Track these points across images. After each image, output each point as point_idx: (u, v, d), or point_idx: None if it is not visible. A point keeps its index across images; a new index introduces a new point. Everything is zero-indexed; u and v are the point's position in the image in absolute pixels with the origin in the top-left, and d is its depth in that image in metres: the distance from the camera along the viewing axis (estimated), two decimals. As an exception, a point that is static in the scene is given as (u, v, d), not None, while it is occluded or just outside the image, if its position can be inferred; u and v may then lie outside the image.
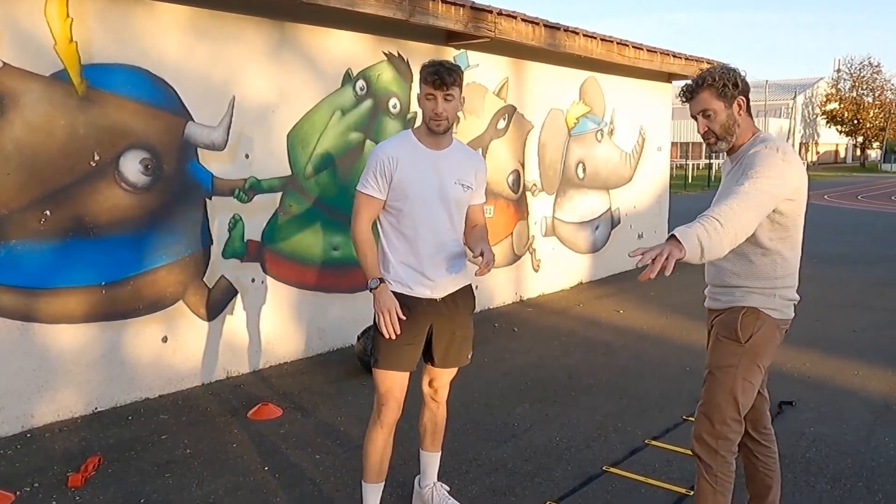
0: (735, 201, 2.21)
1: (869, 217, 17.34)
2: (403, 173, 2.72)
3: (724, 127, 2.46)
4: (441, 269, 2.81)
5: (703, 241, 2.14)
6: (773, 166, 2.29)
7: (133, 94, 4.30)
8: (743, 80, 2.46)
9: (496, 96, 6.97)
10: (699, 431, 2.54)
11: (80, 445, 3.81)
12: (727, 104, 2.44)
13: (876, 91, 55.38)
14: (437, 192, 2.76)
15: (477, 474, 3.51)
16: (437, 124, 2.70)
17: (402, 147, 2.77)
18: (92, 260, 4.18)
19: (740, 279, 2.50)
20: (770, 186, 2.26)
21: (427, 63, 2.71)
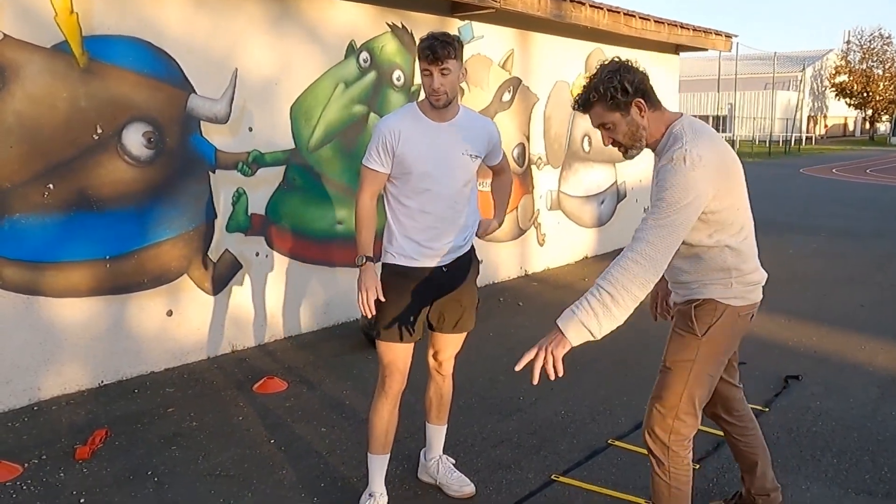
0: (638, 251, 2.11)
1: (877, 191, 17.21)
2: (406, 147, 2.70)
3: (627, 136, 2.29)
4: (445, 239, 2.80)
5: (591, 325, 2.09)
6: (680, 186, 2.11)
7: (135, 66, 4.25)
8: (634, 81, 2.22)
9: (501, 68, 6.89)
10: (651, 426, 2.41)
11: (86, 418, 3.83)
12: (623, 113, 2.25)
13: (886, 63, 54.72)
14: (442, 165, 2.74)
15: (482, 448, 3.52)
16: (436, 99, 2.66)
17: (406, 120, 2.74)
18: (95, 234, 4.17)
19: (694, 274, 2.38)
20: (679, 216, 2.12)
21: (423, 37, 2.66)
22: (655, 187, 2.23)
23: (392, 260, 2.81)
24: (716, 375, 2.43)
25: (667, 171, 2.16)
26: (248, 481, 3.18)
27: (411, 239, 2.77)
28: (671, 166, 2.15)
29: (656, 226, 2.13)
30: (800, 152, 37.97)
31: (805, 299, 6.46)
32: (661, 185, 2.16)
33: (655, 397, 2.42)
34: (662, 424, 2.38)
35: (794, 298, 6.47)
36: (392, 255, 2.80)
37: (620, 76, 2.20)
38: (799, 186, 18.34)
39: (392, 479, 3.07)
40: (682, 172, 2.12)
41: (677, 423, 2.38)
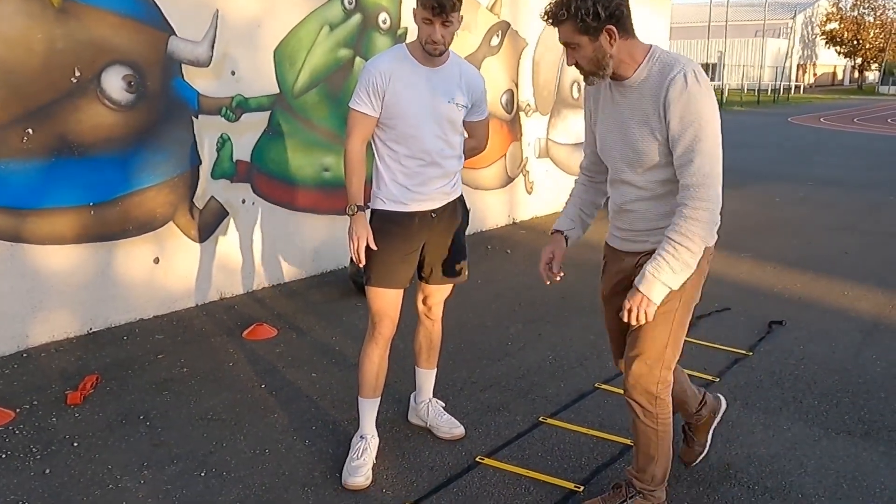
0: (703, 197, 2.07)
1: (864, 140, 17.24)
2: (396, 90, 2.64)
3: (591, 61, 2.14)
4: (434, 184, 2.78)
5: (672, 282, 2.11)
6: (708, 109, 2.07)
7: (112, 7, 4.12)
8: (609, 6, 2.05)
9: (489, 12, 6.75)
10: (638, 379, 2.35)
11: (76, 365, 3.83)
12: (591, 38, 2.09)
13: (877, 10, 54.27)
14: (430, 110, 2.70)
15: (471, 391, 3.57)
16: (433, 48, 2.61)
17: (395, 63, 2.67)
18: (78, 180, 4.10)
19: (669, 218, 2.21)
20: (718, 139, 2.10)
21: None
22: (673, 119, 2.09)
23: (381, 206, 2.78)
24: (690, 318, 2.39)
25: (684, 97, 2.05)
26: (240, 425, 3.21)
27: (400, 184, 2.75)
28: (688, 92, 2.05)
29: (707, 162, 2.07)
30: (788, 101, 37.84)
31: (791, 246, 6.51)
32: (686, 116, 2.06)
33: (638, 352, 2.34)
34: (650, 377, 2.33)
35: (781, 245, 6.53)
36: (381, 201, 2.77)
37: (592, 2, 2.04)
38: (787, 135, 18.33)
39: (383, 422, 3.11)
40: (702, 94, 2.06)
41: (664, 373, 2.35)
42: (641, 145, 2.19)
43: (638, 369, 2.34)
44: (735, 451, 3.01)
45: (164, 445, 3.04)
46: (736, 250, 6.22)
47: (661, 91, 2.09)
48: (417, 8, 2.59)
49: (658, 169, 2.21)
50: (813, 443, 3.08)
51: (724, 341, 4.18)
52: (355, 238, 2.68)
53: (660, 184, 2.23)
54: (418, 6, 2.58)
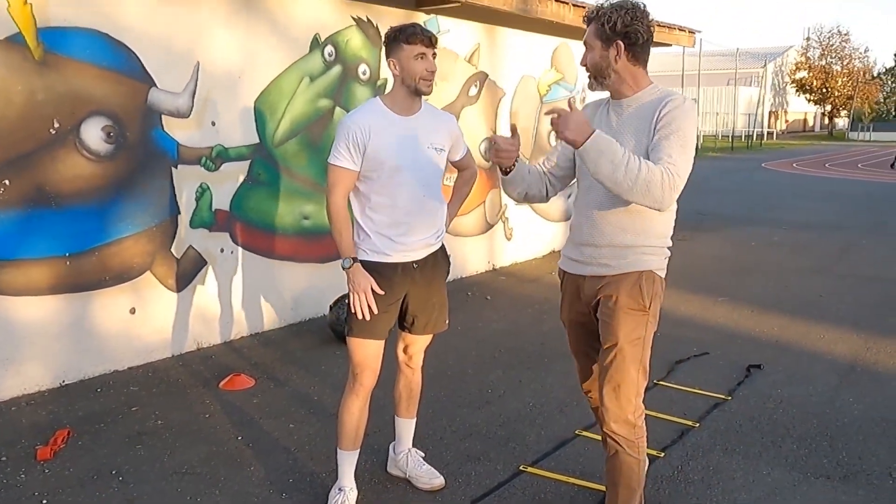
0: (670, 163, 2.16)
1: (836, 185, 17.61)
2: (377, 142, 2.68)
3: (594, 66, 2.35)
4: (417, 234, 2.80)
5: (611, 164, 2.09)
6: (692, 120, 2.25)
7: (93, 59, 4.16)
8: (630, 26, 2.26)
9: (467, 62, 6.89)
10: (617, 413, 2.37)
11: (48, 418, 3.75)
12: (604, 45, 2.30)
13: (844, 60, 55.95)
14: (411, 158, 2.74)
15: (451, 440, 3.53)
16: (427, 84, 2.68)
17: (373, 115, 2.72)
18: (55, 230, 4.08)
19: (637, 237, 2.35)
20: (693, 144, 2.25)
21: (397, 28, 2.67)
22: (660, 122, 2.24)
23: (364, 256, 2.77)
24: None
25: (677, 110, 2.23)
26: (215, 479, 3.15)
27: (383, 234, 2.75)
28: (681, 106, 2.24)
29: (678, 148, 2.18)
30: (762, 147, 38.67)
31: (767, 289, 6.59)
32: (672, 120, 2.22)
33: (614, 383, 2.37)
34: (627, 407, 2.37)
35: (757, 289, 6.60)
36: (363, 252, 2.77)
37: (622, 15, 2.26)
38: (761, 181, 18.68)
39: (361, 473, 3.06)
40: (692, 113, 2.24)
41: (638, 400, 2.39)
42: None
43: (617, 401, 2.38)
44: (716, 497, 2.99)
45: (137, 501, 2.96)
46: (713, 293, 6.28)
47: (657, 110, 2.26)
48: (403, 50, 2.64)
49: None
50: (793, 488, 3.08)
51: (703, 386, 4.19)
52: (360, 291, 2.65)
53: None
54: (405, 46, 2.63)
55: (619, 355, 2.35)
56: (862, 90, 55.42)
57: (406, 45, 2.63)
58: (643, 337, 2.36)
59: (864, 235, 9.63)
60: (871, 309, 5.91)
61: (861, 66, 56.16)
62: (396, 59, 2.67)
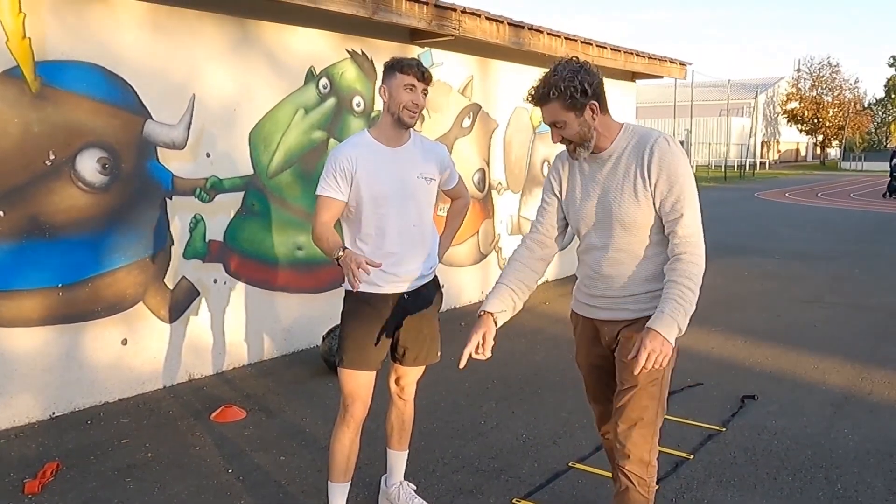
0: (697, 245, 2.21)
1: (828, 214, 17.72)
2: (364, 173, 2.70)
3: (579, 135, 2.28)
4: (408, 265, 2.80)
5: (683, 324, 2.15)
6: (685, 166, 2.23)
7: (89, 92, 4.20)
8: (592, 83, 2.23)
9: (461, 94, 6.97)
10: (633, 451, 2.32)
11: (37, 451, 3.71)
12: (578, 113, 2.24)
13: (835, 91, 56.65)
14: (400, 189, 2.75)
15: (444, 472, 3.50)
16: (411, 116, 2.70)
17: (361, 147, 2.74)
18: (48, 261, 4.08)
19: (649, 283, 2.33)
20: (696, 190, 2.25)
21: (403, 57, 2.73)
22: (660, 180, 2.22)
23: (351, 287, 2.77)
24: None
25: (666, 159, 2.21)
26: (204, 513, 3.11)
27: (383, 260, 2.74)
28: (668, 151, 2.21)
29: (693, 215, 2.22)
30: (754, 177, 38.95)
31: (761, 319, 6.60)
32: (671, 175, 2.21)
33: (631, 422, 2.31)
34: (644, 445, 2.32)
35: (751, 319, 6.60)
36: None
37: (581, 77, 2.21)
38: (754, 210, 18.79)
39: (352, 507, 3.03)
40: (681, 156, 2.23)
41: (654, 439, 2.36)
42: (625, 208, 2.27)
43: (633, 439, 2.33)
44: (710, 530, 2.97)
45: (125, 536, 2.93)
46: (707, 324, 6.28)
47: (645, 156, 2.22)
48: (395, 78, 2.67)
49: (641, 231, 2.29)
50: (788, 521, 3.05)
51: (697, 417, 4.18)
52: (353, 265, 2.38)
53: (642, 246, 2.31)
54: (398, 75, 2.66)
55: (639, 394, 2.31)
56: (853, 121, 56.06)
57: (399, 73, 2.67)
58: (662, 377, 2.33)
59: (857, 265, 9.67)
60: (864, 338, 5.91)
61: (852, 96, 56.87)
62: (388, 87, 2.70)
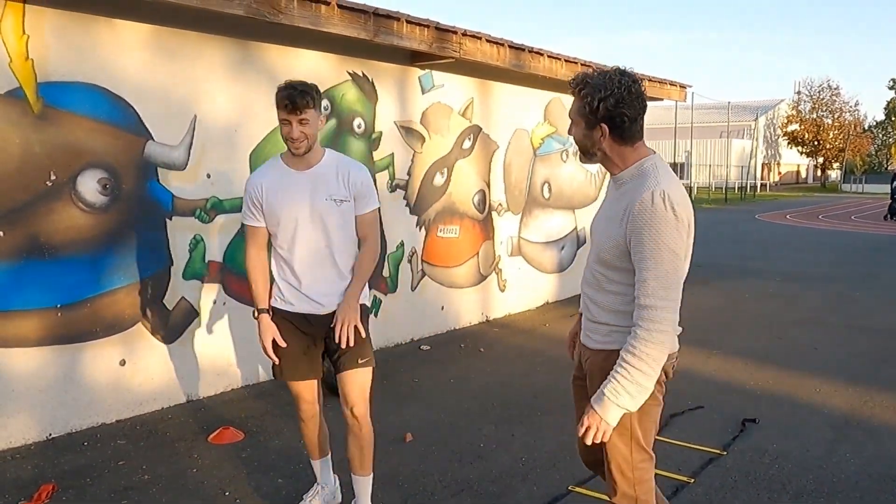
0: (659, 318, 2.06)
1: (829, 236, 17.72)
2: (270, 199, 2.84)
3: (579, 143, 2.26)
4: (318, 286, 2.90)
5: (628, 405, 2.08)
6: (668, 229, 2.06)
7: (91, 113, 4.23)
8: (612, 110, 2.12)
9: (461, 116, 7.01)
10: (615, 488, 2.30)
11: (32, 473, 3.69)
12: (587, 126, 2.19)
13: (835, 113, 56.91)
14: (308, 213, 2.83)
15: (443, 496, 3.47)
16: (295, 148, 2.76)
17: (269, 173, 2.88)
18: (47, 281, 4.08)
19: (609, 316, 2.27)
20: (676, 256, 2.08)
21: (280, 86, 2.75)
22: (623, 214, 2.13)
23: (275, 304, 2.97)
24: (657, 418, 2.33)
25: (648, 219, 2.07)
26: (199, 536, 3.08)
27: (290, 284, 2.92)
28: (652, 211, 2.06)
29: (662, 285, 2.06)
30: (755, 198, 39.03)
31: (761, 341, 6.57)
32: (645, 235, 2.07)
33: (607, 458, 2.30)
34: (624, 483, 2.29)
35: (751, 341, 6.58)
36: (276, 299, 2.97)
37: (605, 98, 2.11)
38: (755, 232, 18.80)
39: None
40: (665, 217, 2.06)
41: (637, 473, 2.29)
42: (603, 242, 2.24)
43: (610, 476, 2.32)
44: (711, 556, 2.93)
45: (119, 560, 2.90)
46: (707, 346, 6.26)
47: (631, 203, 2.11)
48: (277, 111, 2.75)
49: (614, 269, 2.22)
50: (790, 546, 3.02)
51: (697, 440, 4.14)
52: (261, 343, 2.91)
53: (612, 279, 2.24)
54: (277, 109, 2.73)
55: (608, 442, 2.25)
56: (853, 143, 56.26)
57: (276, 107, 2.73)
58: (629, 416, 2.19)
59: (858, 287, 9.65)
60: (865, 361, 5.89)
61: (852, 119, 57.11)
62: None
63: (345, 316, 2.83)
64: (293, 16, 4.77)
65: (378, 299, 6.18)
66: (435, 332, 6.72)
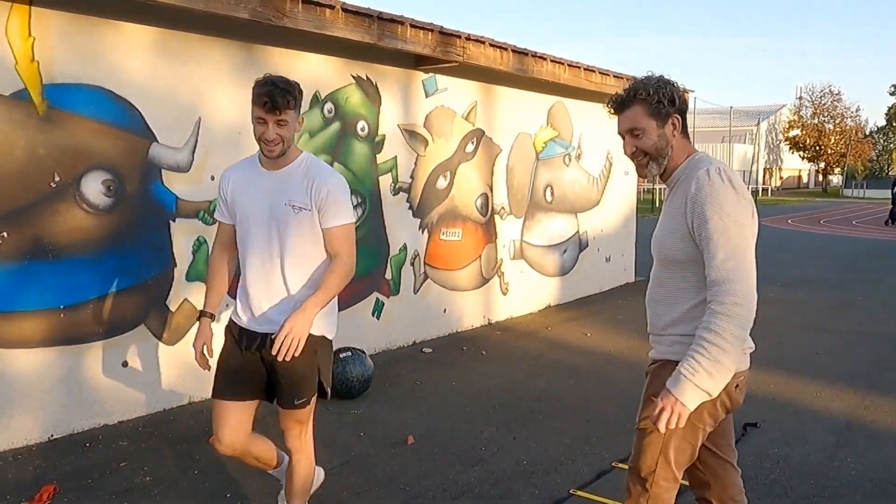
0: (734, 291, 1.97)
1: (830, 241, 17.72)
2: (235, 195, 2.65)
3: (655, 148, 2.15)
4: (264, 302, 2.61)
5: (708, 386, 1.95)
6: (729, 200, 2.03)
7: (95, 115, 4.24)
8: (681, 97, 2.13)
9: (465, 120, 7.02)
10: (630, 494, 2.25)
11: (34, 474, 3.69)
12: (660, 123, 2.13)
13: (836, 118, 56.88)
14: (264, 216, 2.57)
15: (444, 499, 3.47)
16: (269, 150, 2.50)
17: (241, 169, 2.71)
18: (51, 282, 4.09)
19: (675, 326, 2.19)
20: (743, 226, 2.03)
21: (259, 80, 2.50)
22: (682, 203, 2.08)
23: (233, 314, 2.75)
24: (696, 443, 2.22)
25: (708, 193, 2.02)
26: (201, 538, 3.09)
27: (246, 291, 2.66)
28: (709, 185, 2.02)
29: (732, 256, 1.99)
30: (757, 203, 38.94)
31: (763, 346, 6.51)
32: (707, 210, 2.01)
33: (632, 466, 2.26)
34: (642, 493, 2.22)
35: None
36: (235, 308, 2.75)
37: (671, 87, 2.11)
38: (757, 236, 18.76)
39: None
40: (724, 188, 2.02)
41: (656, 489, 2.20)
42: (667, 242, 2.17)
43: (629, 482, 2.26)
44: (713, 560, 2.93)
45: (121, 561, 2.90)
46: (709, 351, 6.25)
47: (689, 187, 2.07)
48: (251, 109, 2.50)
49: (680, 269, 2.14)
50: (791, 551, 3.02)
51: (699, 444, 4.14)
52: (196, 343, 2.75)
53: (678, 286, 2.16)
54: (252, 106, 2.49)
55: (638, 436, 2.23)
56: (854, 148, 56.21)
57: (252, 104, 2.47)
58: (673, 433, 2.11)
59: (860, 292, 9.65)
60: (867, 366, 5.89)
61: (853, 124, 57.08)
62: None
63: (292, 325, 2.41)
64: (298, 19, 4.79)
65: (380, 302, 6.19)
66: (437, 335, 6.73)
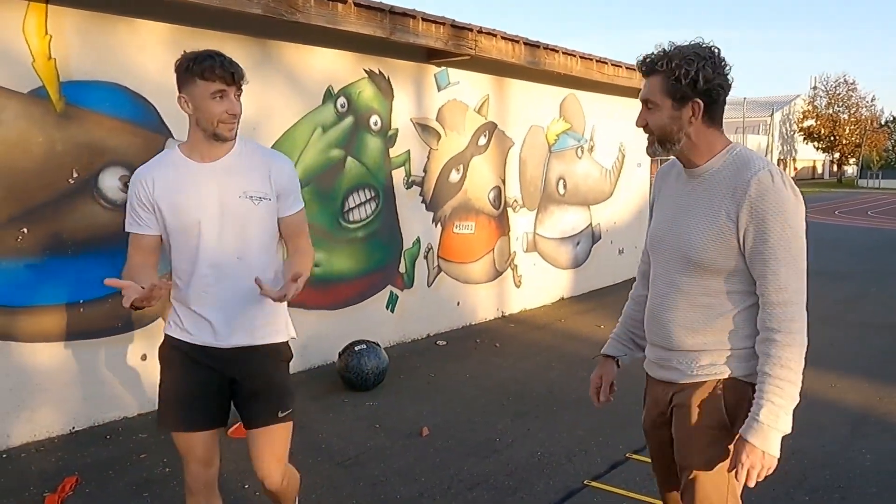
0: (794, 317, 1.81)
1: (845, 232, 17.59)
2: (164, 196, 2.21)
3: (661, 129, 1.87)
4: (227, 310, 2.28)
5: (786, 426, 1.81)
6: (797, 212, 1.83)
7: (112, 111, 4.29)
8: (710, 81, 1.80)
9: (477, 113, 7.03)
10: None
11: (56, 466, 3.76)
12: (676, 104, 1.83)
13: (851, 108, 56.34)
14: (217, 212, 2.21)
15: (459, 490, 3.51)
16: (230, 129, 2.20)
17: (162, 167, 2.26)
18: (70, 278, 4.15)
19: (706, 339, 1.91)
20: (804, 243, 1.85)
21: (193, 56, 2.16)
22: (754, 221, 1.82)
23: (169, 330, 2.33)
24: None
25: (774, 201, 1.79)
26: (221, 528, 3.13)
27: (188, 308, 2.28)
28: (769, 190, 1.79)
29: (794, 275, 1.82)
30: (771, 194, 38.65)
31: (777, 338, 6.54)
32: (771, 220, 1.80)
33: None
34: None
35: (767, 338, 6.56)
36: (170, 325, 2.33)
37: (702, 67, 1.79)
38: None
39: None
40: (791, 198, 1.81)
41: None
42: (698, 242, 1.88)
43: None
44: (727, 550, 2.95)
45: (143, 550, 2.95)
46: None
47: (740, 187, 1.81)
48: (198, 86, 2.15)
49: (711, 274, 1.89)
50: (806, 541, 3.03)
51: (713, 436, 4.15)
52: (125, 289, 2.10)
53: (710, 295, 1.91)
54: (200, 83, 2.14)
55: (696, 485, 1.93)
56: (870, 138, 55.68)
57: (201, 80, 2.13)
58: (726, 458, 1.90)
59: (875, 283, 9.59)
60: (882, 358, 5.87)
61: (868, 114, 56.52)
62: (189, 96, 2.17)
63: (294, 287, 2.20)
64: (310, 14, 4.81)
65: (395, 295, 6.22)
66: (451, 328, 6.76)
